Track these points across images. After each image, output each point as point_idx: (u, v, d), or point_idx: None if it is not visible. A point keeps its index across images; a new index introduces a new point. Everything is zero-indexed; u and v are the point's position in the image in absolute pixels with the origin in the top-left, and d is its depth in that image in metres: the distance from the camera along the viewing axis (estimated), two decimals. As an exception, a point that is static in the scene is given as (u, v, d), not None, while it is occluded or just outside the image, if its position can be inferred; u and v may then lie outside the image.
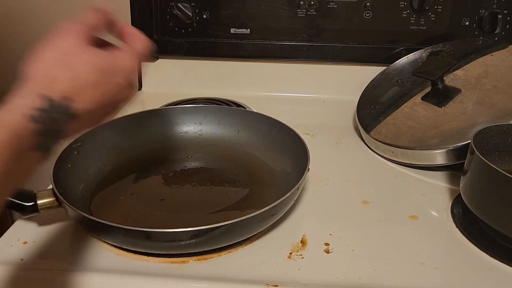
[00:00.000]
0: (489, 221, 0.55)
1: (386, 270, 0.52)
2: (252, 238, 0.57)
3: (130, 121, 0.75)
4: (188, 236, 0.50)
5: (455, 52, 0.85)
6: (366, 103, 0.85)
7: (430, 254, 0.55)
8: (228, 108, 0.82)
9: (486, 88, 0.74)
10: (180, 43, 0.98)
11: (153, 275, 0.51)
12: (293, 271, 0.52)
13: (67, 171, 0.62)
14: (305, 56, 0.97)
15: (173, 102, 0.92)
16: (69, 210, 0.53)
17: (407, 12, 0.91)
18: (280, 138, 0.71)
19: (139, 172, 0.70)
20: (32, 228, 0.58)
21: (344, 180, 0.70)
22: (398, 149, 0.73)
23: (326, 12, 0.93)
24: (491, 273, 0.52)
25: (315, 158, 0.65)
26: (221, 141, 0.76)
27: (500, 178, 0.52)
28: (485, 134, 0.61)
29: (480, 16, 0.90)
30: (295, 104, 0.98)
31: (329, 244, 0.56)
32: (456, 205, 0.64)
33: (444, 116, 0.73)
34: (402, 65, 0.89)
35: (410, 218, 0.62)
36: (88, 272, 0.51)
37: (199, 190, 0.66)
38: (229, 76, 1.01)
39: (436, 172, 0.72)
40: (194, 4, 0.94)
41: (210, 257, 0.54)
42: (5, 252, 0.54)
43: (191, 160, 0.73)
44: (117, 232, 0.51)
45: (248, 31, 0.96)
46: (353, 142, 0.82)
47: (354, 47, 0.95)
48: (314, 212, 0.63)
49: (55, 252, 0.55)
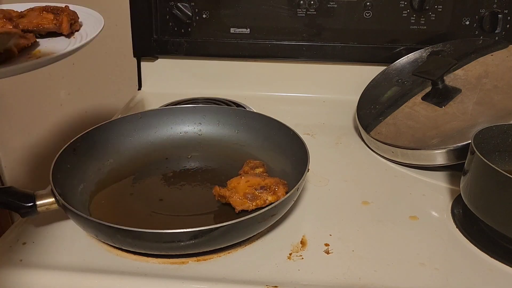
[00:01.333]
0: (489, 222, 0.55)
1: (386, 271, 0.52)
2: (252, 238, 0.57)
3: (130, 121, 0.75)
4: (188, 237, 0.50)
5: (455, 52, 0.85)
6: (366, 103, 0.85)
7: (430, 254, 0.55)
8: (227, 108, 0.82)
9: (486, 88, 0.74)
10: (179, 42, 0.97)
11: (152, 276, 0.51)
12: (293, 271, 0.52)
13: (66, 172, 0.62)
14: (305, 56, 0.97)
15: (172, 102, 0.92)
16: (68, 211, 0.53)
17: (407, 12, 0.91)
18: (280, 138, 0.71)
19: (138, 173, 0.70)
20: (31, 229, 0.58)
21: (344, 180, 0.70)
22: (398, 149, 0.72)
23: (326, 12, 0.93)
24: (491, 274, 0.52)
25: (315, 158, 0.65)
26: (221, 141, 0.76)
27: (501, 178, 0.52)
28: (486, 134, 0.61)
29: (481, 16, 0.90)
30: (295, 104, 0.98)
31: (329, 245, 0.56)
32: (456, 206, 0.64)
33: (444, 116, 0.73)
34: (402, 65, 0.89)
35: (410, 219, 0.61)
36: (87, 273, 0.51)
37: (199, 190, 0.66)
38: (229, 76, 1.01)
39: (436, 172, 0.71)
40: (193, 3, 0.94)
41: (210, 258, 0.54)
42: (5, 253, 0.54)
43: (191, 160, 0.73)
44: (116, 233, 0.51)
45: (248, 31, 0.96)
46: (353, 142, 0.82)
47: (354, 47, 0.95)
48: (314, 213, 0.63)
49: (54, 253, 0.55)
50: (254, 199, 0.57)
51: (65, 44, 0.57)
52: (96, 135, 0.70)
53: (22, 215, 0.56)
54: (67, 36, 0.59)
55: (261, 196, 0.57)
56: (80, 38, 0.59)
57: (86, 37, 0.58)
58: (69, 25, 0.59)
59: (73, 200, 0.59)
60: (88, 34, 0.59)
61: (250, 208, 0.57)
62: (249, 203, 0.57)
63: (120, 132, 0.73)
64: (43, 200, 0.55)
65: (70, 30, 0.59)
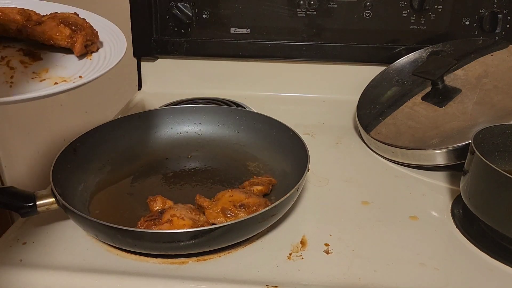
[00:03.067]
0: (489, 222, 0.55)
1: (386, 271, 0.52)
2: (252, 238, 0.57)
3: (130, 121, 0.75)
4: (188, 237, 0.50)
5: (455, 52, 0.85)
6: (366, 103, 0.85)
7: (430, 254, 0.55)
8: (227, 108, 0.82)
9: (486, 88, 0.74)
10: (179, 42, 0.97)
11: (152, 276, 0.51)
12: (292, 271, 0.52)
13: (66, 172, 0.62)
14: (305, 56, 0.97)
15: (173, 102, 0.92)
16: (68, 211, 0.53)
17: (407, 12, 0.91)
18: (280, 138, 0.71)
19: (138, 173, 0.70)
20: (31, 229, 0.58)
21: (344, 180, 0.70)
22: (398, 149, 0.72)
23: (326, 12, 0.93)
24: (492, 274, 0.52)
25: (315, 158, 0.65)
26: (221, 141, 0.76)
27: (500, 178, 0.52)
28: (486, 134, 0.61)
29: (481, 16, 0.90)
30: (295, 104, 0.98)
31: (329, 245, 0.56)
32: (456, 206, 0.64)
33: (444, 116, 0.73)
34: (402, 65, 0.89)
35: (410, 219, 0.61)
36: (87, 273, 0.51)
37: (199, 190, 0.66)
38: (229, 76, 1.01)
39: (436, 172, 0.71)
40: (193, 3, 0.94)
41: (210, 258, 0.54)
42: (5, 253, 0.54)
43: (191, 160, 0.73)
44: (116, 233, 0.51)
45: (248, 31, 0.96)
46: (353, 142, 0.82)
47: (354, 47, 0.95)
48: (314, 213, 0.63)
49: (54, 253, 0.55)
50: (229, 216, 0.55)
51: (78, 67, 0.53)
52: (96, 135, 0.70)
53: (22, 215, 0.56)
54: (79, 58, 0.55)
55: (237, 214, 0.55)
56: (97, 60, 0.54)
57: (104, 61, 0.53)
58: (83, 46, 0.54)
59: (73, 200, 0.59)
60: (106, 57, 0.53)
61: (222, 223, 0.53)
62: (223, 219, 0.55)
63: (120, 132, 0.73)
64: (43, 200, 0.55)
65: (85, 51, 0.55)
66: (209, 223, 0.55)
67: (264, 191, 0.63)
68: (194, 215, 0.55)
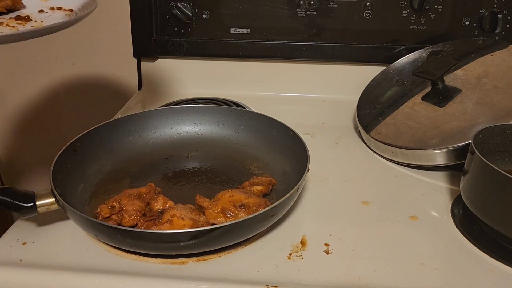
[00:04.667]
0: (489, 222, 0.55)
1: (386, 271, 0.52)
2: (252, 238, 0.57)
3: (130, 121, 0.75)
4: (188, 237, 0.50)
5: (455, 52, 0.85)
6: (366, 103, 0.85)
7: (430, 254, 0.55)
8: (227, 108, 0.82)
9: (486, 88, 0.74)
10: (179, 42, 0.97)
11: (152, 276, 0.51)
12: (292, 271, 0.52)
13: (66, 172, 0.62)
14: (305, 56, 0.97)
15: (172, 102, 0.92)
16: (68, 211, 0.53)
17: (407, 12, 0.91)
18: (280, 138, 0.71)
19: (138, 173, 0.70)
20: (31, 229, 0.58)
21: (344, 180, 0.70)
22: (398, 149, 0.72)
23: (326, 12, 0.93)
24: (492, 274, 0.52)
25: (315, 158, 0.65)
26: (221, 141, 0.76)
27: (500, 178, 0.52)
28: (485, 134, 0.61)
29: (481, 16, 0.90)
30: (295, 104, 0.98)
31: (329, 245, 0.56)
32: (456, 206, 0.63)
33: (444, 116, 0.73)
34: (402, 65, 0.89)
35: (410, 219, 0.61)
36: (87, 273, 0.51)
37: (199, 190, 0.66)
38: (228, 76, 1.01)
39: (436, 172, 0.71)
40: (193, 3, 0.94)
41: (210, 258, 0.54)
42: (5, 253, 0.54)
43: (191, 160, 0.73)
44: (116, 233, 0.51)
45: (248, 31, 0.96)
46: (353, 142, 0.82)
47: (354, 47, 0.95)
48: (314, 213, 0.63)
49: (54, 253, 0.55)
50: (230, 216, 0.55)
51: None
52: (96, 135, 0.70)
53: (22, 215, 0.56)
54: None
55: (237, 214, 0.55)
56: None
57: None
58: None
59: (73, 200, 0.59)
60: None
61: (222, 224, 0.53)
62: (223, 219, 0.55)
63: (120, 132, 0.73)
64: (43, 200, 0.55)
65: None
66: (209, 223, 0.55)
67: (264, 191, 0.63)
68: (194, 215, 0.55)
